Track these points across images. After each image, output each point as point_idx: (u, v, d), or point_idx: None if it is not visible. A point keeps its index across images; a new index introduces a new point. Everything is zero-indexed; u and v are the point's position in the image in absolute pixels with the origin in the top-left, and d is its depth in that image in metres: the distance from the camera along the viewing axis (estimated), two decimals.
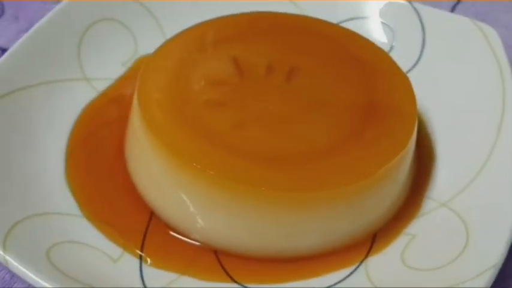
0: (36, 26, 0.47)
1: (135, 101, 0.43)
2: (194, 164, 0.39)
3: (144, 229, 0.41)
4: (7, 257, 0.36)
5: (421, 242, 0.41)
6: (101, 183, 0.43)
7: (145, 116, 0.41)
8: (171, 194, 0.41)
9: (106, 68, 0.49)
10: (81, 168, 0.44)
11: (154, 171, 0.41)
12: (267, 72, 0.44)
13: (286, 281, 0.40)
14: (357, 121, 0.42)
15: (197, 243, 0.41)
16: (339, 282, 0.40)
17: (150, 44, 0.48)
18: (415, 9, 0.50)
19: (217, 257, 0.41)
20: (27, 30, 0.47)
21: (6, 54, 0.45)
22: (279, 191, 0.39)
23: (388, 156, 0.40)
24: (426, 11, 0.50)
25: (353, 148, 0.40)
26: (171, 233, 0.41)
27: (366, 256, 0.41)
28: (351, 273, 0.40)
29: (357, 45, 0.46)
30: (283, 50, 0.45)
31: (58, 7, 0.48)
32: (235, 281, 0.40)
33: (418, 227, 0.42)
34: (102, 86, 0.48)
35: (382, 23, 0.50)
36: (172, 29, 0.48)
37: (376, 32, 0.50)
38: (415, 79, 0.47)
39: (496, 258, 0.37)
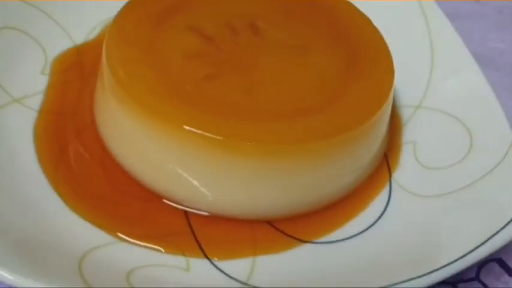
0: None
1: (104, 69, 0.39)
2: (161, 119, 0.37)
3: (184, 228, 0.38)
4: None
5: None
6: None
7: (117, 81, 0.39)
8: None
9: (29, 82, 0.42)
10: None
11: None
12: (232, 33, 0.42)
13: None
14: (339, 71, 0.41)
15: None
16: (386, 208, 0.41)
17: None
18: None
19: (272, 225, 0.39)
20: None
21: None
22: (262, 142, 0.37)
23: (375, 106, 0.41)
24: None
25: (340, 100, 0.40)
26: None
27: (390, 175, 0.42)
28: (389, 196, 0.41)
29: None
30: (240, 8, 0.43)
31: None
32: (307, 241, 0.39)
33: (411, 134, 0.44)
34: (35, 103, 0.42)
35: None
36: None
37: None
38: None
39: None
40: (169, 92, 0.38)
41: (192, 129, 0.37)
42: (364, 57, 0.42)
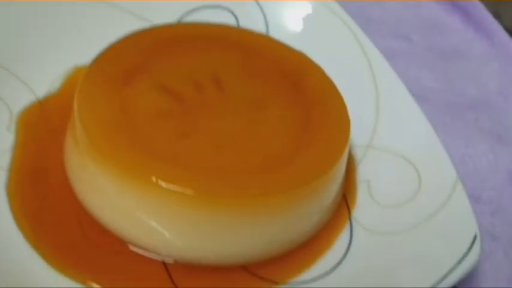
0: None
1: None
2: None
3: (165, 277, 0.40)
4: None
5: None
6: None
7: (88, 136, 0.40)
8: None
9: None
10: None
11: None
12: (197, 88, 0.44)
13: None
14: (298, 123, 0.43)
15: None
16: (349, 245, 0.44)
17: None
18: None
19: (246, 270, 0.41)
20: None
21: None
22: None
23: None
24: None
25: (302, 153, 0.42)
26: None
27: (350, 214, 0.45)
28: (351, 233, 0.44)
29: (276, 52, 0.47)
30: (203, 62, 0.45)
31: None
32: (279, 283, 0.41)
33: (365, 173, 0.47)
34: (4, 162, 0.43)
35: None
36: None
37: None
38: None
39: None
40: (141, 150, 0.40)
41: (165, 184, 0.39)
42: (320, 108, 0.45)
